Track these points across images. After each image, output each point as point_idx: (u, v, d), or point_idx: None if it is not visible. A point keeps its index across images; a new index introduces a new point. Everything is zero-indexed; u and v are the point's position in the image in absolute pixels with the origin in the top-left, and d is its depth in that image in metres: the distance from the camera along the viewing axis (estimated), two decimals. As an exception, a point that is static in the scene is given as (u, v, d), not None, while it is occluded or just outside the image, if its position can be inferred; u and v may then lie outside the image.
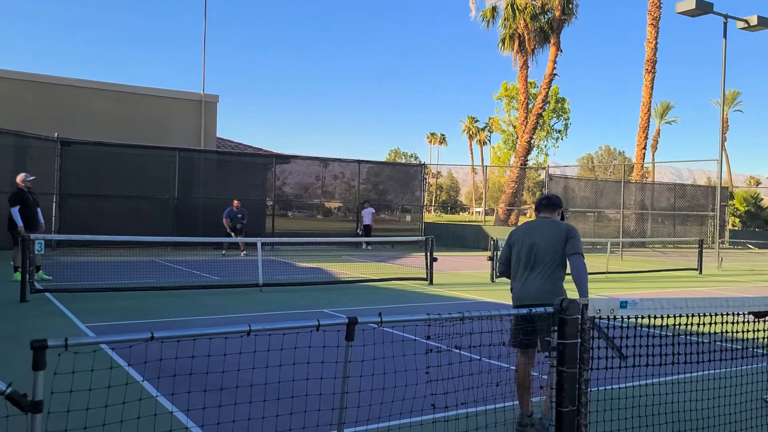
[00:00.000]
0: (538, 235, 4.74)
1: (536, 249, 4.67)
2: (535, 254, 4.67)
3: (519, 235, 4.86)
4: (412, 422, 4.39)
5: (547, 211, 4.93)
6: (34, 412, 2.35)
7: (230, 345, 4.26)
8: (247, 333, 2.88)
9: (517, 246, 4.80)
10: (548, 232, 4.72)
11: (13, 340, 7.10)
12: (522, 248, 4.75)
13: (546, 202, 4.94)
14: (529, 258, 4.69)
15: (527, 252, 4.71)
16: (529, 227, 4.86)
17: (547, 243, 4.67)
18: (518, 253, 4.77)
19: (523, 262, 4.72)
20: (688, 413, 4.21)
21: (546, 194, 5.16)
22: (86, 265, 13.37)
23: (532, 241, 4.72)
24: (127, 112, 23.74)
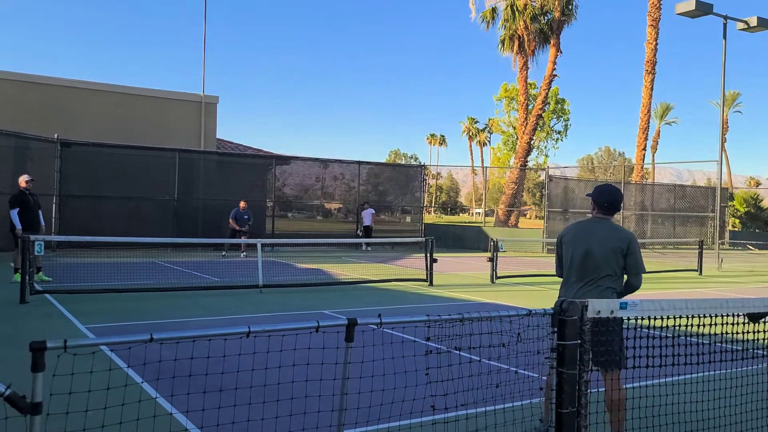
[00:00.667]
0: (595, 240, 4.25)
1: (592, 257, 4.22)
2: (590, 264, 4.23)
3: (571, 237, 4.37)
4: (412, 423, 4.38)
5: (608, 212, 4.39)
6: (33, 414, 2.35)
7: (230, 346, 4.26)
8: (247, 334, 2.88)
9: (570, 249, 4.34)
10: (608, 240, 4.24)
11: (12, 342, 7.09)
12: (575, 253, 4.29)
13: (610, 202, 4.35)
14: (584, 266, 4.24)
15: (581, 259, 4.25)
16: (585, 229, 4.36)
17: (605, 252, 4.21)
18: (571, 258, 4.32)
19: (576, 270, 4.27)
20: (689, 414, 4.20)
21: (609, 187, 4.48)
22: (86, 267, 13.36)
23: (588, 247, 4.24)
24: (127, 113, 23.74)
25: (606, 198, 4.35)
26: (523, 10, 35.94)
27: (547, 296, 12.33)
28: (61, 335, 6.91)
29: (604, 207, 4.34)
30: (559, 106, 64.40)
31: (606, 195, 4.36)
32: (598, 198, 4.38)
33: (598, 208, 4.37)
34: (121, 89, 24.39)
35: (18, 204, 11.48)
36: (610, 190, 4.42)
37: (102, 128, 22.50)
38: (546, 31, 36.47)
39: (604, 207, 4.34)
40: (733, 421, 4.25)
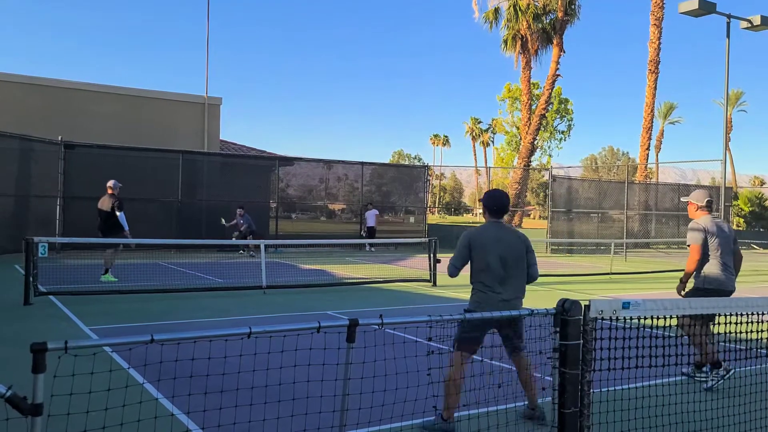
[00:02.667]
0: (506, 245, 4.60)
1: (508, 261, 4.57)
2: (509, 267, 4.59)
3: (481, 243, 4.63)
4: (414, 424, 4.37)
5: (499, 215, 4.75)
6: (34, 415, 2.35)
7: (231, 347, 4.26)
8: (248, 335, 2.88)
9: (482, 255, 4.59)
10: (515, 243, 4.64)
11: (15, 343, 7.11)
12: (491, 260, 4.56)
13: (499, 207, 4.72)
14: (504, 270, 4.58)
15: (499, 265, 4.56)
16: (493, 235, 4.65)
17: (518, 254, 4.62)
18: (487, 264, 4.57)
19: (496, 275, 4.57)
20: (692, 414, 4.18)
21: (497, 192, 4.90)
22: (90, 268, 13.38)
23: (501, 253, 4.57)
24: (131, 115, 23.77)
25: (495, 203, 4.70)
26: (526, 10, 35.89)
27: (550, 296, 12.31)
28: (65, 336, 6.92)
29: (494, 211, 4.69)
30: (562, 106, 64.31)
31: (495, 200, 4.73)
32: (488, 203, 4.72)
33: (490, 213, 4.71)
34: (125, 91, 24.43)
35: (122, 208, 12.41)
36: (498, 195, 4.80)
37: (105, 130, 22.54)
38: (549, 31, 36.42)
39: (494, 211, 4.69)
40: (737, 420, 4.23)
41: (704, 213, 6.32)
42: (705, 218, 6.28)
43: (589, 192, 29.03)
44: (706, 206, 6.34)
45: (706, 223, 6.21)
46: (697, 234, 6.12)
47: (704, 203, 6.35)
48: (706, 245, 6.11)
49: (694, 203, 6.40)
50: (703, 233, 6.12)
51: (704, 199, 6.36)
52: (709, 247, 6.11)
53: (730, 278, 6.16)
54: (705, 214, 6.32)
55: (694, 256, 6.08)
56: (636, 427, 3.94)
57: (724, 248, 6.16)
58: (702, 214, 6.33)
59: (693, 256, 6.09)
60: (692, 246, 6.10)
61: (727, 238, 6.23)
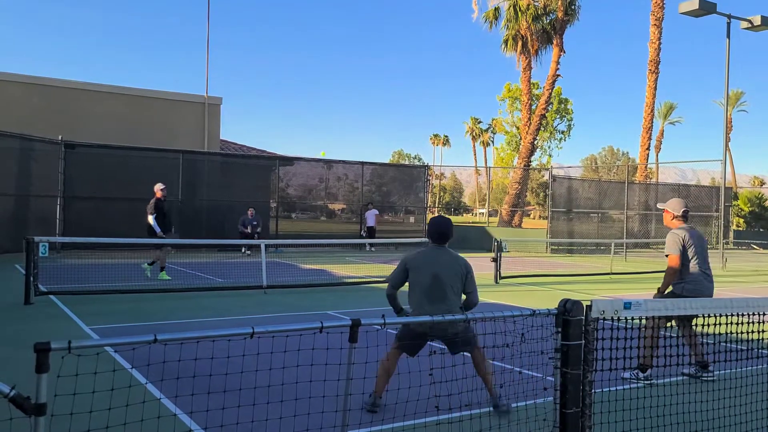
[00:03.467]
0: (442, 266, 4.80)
1: (439, 280, 4.74)
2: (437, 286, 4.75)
3: (418, 264, 4.85)
4: (416, 424, 4.38)
5: (441, 241, 4.93)
6: (38, 415, 2.35)
7: (234, 347, 4.26)
8: (251, 335, 2.88)
9: (417, 274, 4.81)
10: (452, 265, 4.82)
11: (16, 343, 7.11)
12: (423, 278, 4.77)
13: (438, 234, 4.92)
14: (433, 288, 4.75)
15: (430, 282, 4.75)
16: (430, 257, 4.85)
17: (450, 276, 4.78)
18: (419, 282, 4.80)
19: (425, 292, 4.77)
20: (693, 414, 4.19)
21: (438, 220, 5.06)
22: (90, 268, 13.39)
23: (434, 271, 4.75)
24: (131, 115, 23.77)
25: (434, 230, 4.93)
26: (526, 10, 35.89)
27: (551, 296, 12.32)
28: (66, 336, 6.93)
29: (435, 238, 4.90)
30: (562, 106, 64.30)
31: (433, 227, 4.96)
32: (430, 230, 4.99)
33: (432, 239, 4.93)
34: (125, 91, 24.43)
35: (155, 210, 12.89)
36: (437, 222, 4.99)
37: (106, 130, 22.54)
38: (549, 31, 36.42)
39: (435, 238, 4.90)
40: (738, 420, 4.24)
41: (680, 222, 6.39)
42: (682, 228, 6.33)
43: (589, 192, 29.03)
44: (682, 216, 6.41)
45: (683, 232, 6.26)
46: (677, 243, 6.18)
47: (680, 213, 6.41)
48: (685, 254, 6.18)
49: (671, 212, 6.45)
50: (681, 242, 6.18)
51: (681, 209, 6.43)
52: (687, 256, 6.18)
53: (708, 285, 6.27)
54: (681, 224, 6.38)
55: (674, 266, 6.15)
56: (637, 428, 3.95)
57: (701, 256, 6.27)
58: (678, 224, 6.38)
59: (673, 265, 6.16)
60: (671, 256, 6.16)
61: (703, 246, 6.35)
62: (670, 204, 6.53)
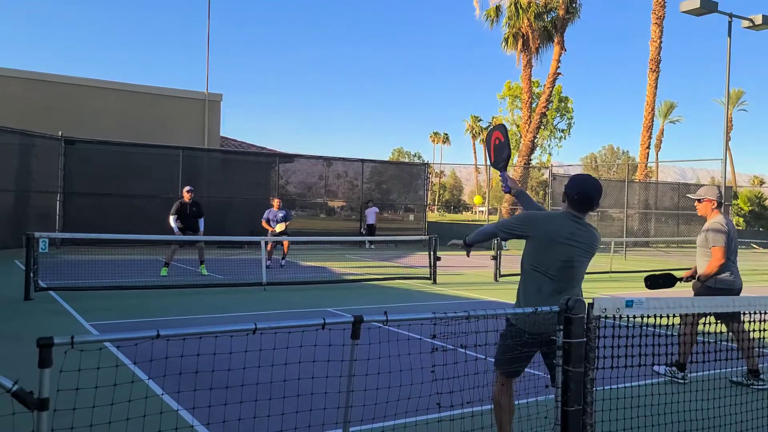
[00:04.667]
0: (579, 248, 3.61)
1: (574, 267, 3.66)
2: (571, 274, 3.66)
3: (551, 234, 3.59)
4: (418, 421, 4.38)
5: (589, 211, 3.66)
6: (40, 410, 2.35)
7: (236, 343, 4.26)
8: (253, 331, 2.88)
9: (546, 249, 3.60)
10: (590, 248, 3.65)
11: (17, 339, 7.11)
12: (554, 258, 3.60)
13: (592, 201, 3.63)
14: (561, 275, 3.63)
15: (561, 267, 3.62)
16: (571, 229, 3.62)
17: (583, 263, 3.68)
18: (545, 261, 3.60)
19: (551, 276, 3.62)
20: (694, 413, 4.19)
21: (592, 181, 3.76)
22: (90, 264, 13.39)
23: (570, 255, 3.60)
24: (131, 111, 23.76)
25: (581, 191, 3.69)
26: (527, 7, 35.87)
27: (551, 294, 12.32)
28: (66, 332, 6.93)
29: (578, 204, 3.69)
30: (562, 104, 64.29)
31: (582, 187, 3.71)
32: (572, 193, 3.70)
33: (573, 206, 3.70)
34: (126, 87, 24.42)
35: (175, 212, 13.37)
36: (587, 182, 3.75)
37: (106, 126, 22.53)
38: (550, 29, 36.41)
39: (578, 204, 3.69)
40: (739, 419, 4.24)
41: (719, 212, 6.08)
42: (721, 218, 6.03)
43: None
44: (720, 205, 6.12)
45: (725, 223, 5.97)
46: (722, 236, 5.87)
47: (720, 200, 6.12)
48: (729, 247, 5.91)
49: (713, 200, 6.09)
50: (726, 235, 5.88)
51: (719, 197, 6.11)
52: (730, 248, 5.93)
53: (738, 277, 6.07)
54: (719, 213, 6.07)
55: (720, 259, 5.83)
56: (639, 426, 3.95)
57: (734, 248, 6.03)
58: (717, 213, 6.07)
59: (718, 258, 5.84)
60: (718, 248, 5.85)
61: (735, 238, 6.06)
62: (708, 192, 6.13)
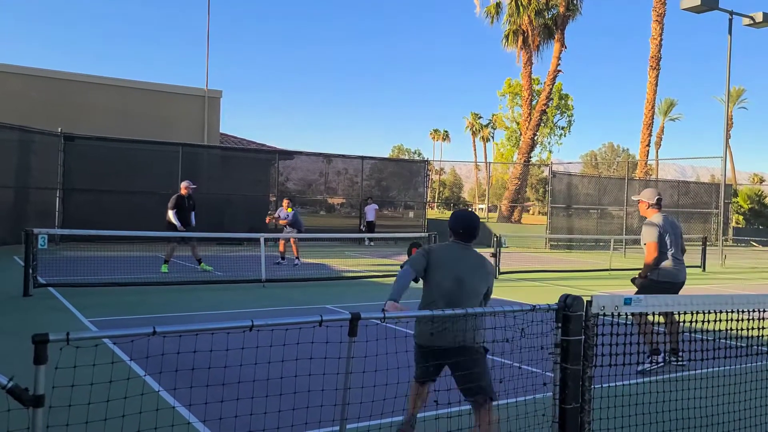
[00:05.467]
0: (466, 267, 4.06)
1: (464, 287, 4.01)
2: (462, 293, 4.00)
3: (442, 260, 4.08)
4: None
5: (472, 239, 4.18)
6: (36, 407, 2.34)
7: (233, 340, 4.25)
8: (250, 328, 2.87)
9: (438, 273, 4.05)
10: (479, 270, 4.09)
11: (15, 335, 7.10)
12: (444, 280, 4.03)
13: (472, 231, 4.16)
14: (454, 295, 4.00)
15: (451, 287, 4.01)
16: (455, 256, 4.10)
17: (475, 283, 4.06)
18: (438, 284, 4.04)
19: (444, 298, 4.02)
20: (692, 411, 4.19)
21: (469, 215, 4.30)
22: (89, 260, 13.38)
23: (459, 275, 4.02)
24: (131, 108, 23.74)
25: (461, 225, 4.16)
26: (528, 5, 35.81)
27: (551, 292, 12.32)
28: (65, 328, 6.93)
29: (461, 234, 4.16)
30: (562, 102, 64.26)
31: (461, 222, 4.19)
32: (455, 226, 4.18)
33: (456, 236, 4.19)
34: (125, 83, 24.39)
35: (174, 206, 13.28)
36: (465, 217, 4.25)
37: (105, 122, 22.51)
38: (550, 26, 36.36)
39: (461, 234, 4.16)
40: (737, 417, 4.23)
41: (655, 211, 6.67)
42: (657, 216, 6.62)
43: (589, 188, 29.01)
44: (656, 204, 6.69)
45: (659, 220, 6.55)
46: (653, 232, 6.45)
47: (655, 201, 6.69)
48: (662, 241, 6.44)
49: (645, 201, 6.75)
50: (658, 230, 6.45)
51: (655, 198, 6.71)
52: (665, 243, 6.45)
53: (682, 271, 6.56)
54: (656, 212, 6.66)
55: (652, 253, 6.41)
56: (637, 423, 3.95)
57: (675, 243, 6.52)
58: (654, 212, 6.67)
59: (650, 252, 6.43)
60: (650, 243, 6.44)
61: (677, 234, 6.61)
62: (644, 194, 6.81)
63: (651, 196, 6.75)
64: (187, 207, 13.55)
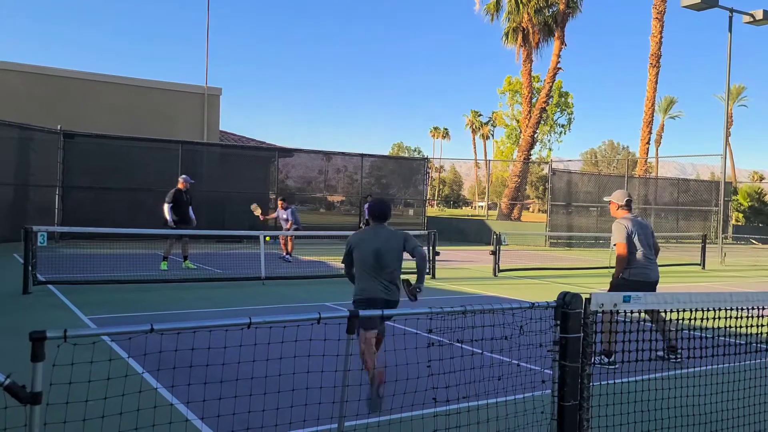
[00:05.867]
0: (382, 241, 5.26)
1: (383, 255, 5.19)
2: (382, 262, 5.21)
3: (359, 241, 5.33)
4: (413, 416, 4.38)
5: (384, 219, 5.42)
6: (33, 404, 2.33)
7: (231, 337, 4.25)
8: (248, 325, 2.86)
9: (359, 251, 5.26)
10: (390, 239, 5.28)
11: (13, 332, 7.10)
12: (365, 253, 5.22)
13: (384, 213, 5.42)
14: (377, 262, 5.19)
15: (372, 256, 5.19)
16: (370, 234, 5.33)
17: (392, 247, 5.25)
18: (361, 258, 5.24)
19: (367, 266, 5.22)
20: (691, 408, 4.19)
21: (381, 201, 5.55)
22: (89, 258, 13.38)
23: (377, 247, 5.19)
24: (131, 105, 23.72)
25: (375, 209, 5.42)
26: (528, 2, 35.77)
27: (550, 290, 12.32)
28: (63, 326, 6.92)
29: (375, 217, 5.41)
30: (562, 100, 64.23)
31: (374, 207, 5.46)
32: (370, 211, 5.49)
33: (373, 218, 5.45)
34: (125, 81, 24.36)
35: (171, 200, 13.16)
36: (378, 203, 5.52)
37: (105, 120, 22.49)
38: (550, 24, 36.31)
39: (375, 217, 5.41)
40: (736, 414, 4.23)
41: (625, 212, 6.83)
42: (626, 217, 6.76)
43: (589, 186, 29.01)
44: (626, 205, 6.84)
45: (627, 221, 6.67)
46: (620, 233, 6.59)
47: (624, 203, 6.85)
48: (631, 241, 6.56)
49: (615, 203, 6.90)
50: (626, 231, 6.57)
51: (624, 199, 6.87)
52: (633, 243, 6.57)
53: (653, 270, 6.69)
54: (626, 213, 6.82)
55: (621, 253, 6.55)
56: (635, 420, 3.95)
57: (645, 243, 6.64)
58: (623, 213, 6.82)
59: (619, 252, 6.57)
60: (618, 244, 6.58)
61: (647, 234, 6.72)
62: (614, 196, 6.96)
63: (621, 197, 6.91)
64: (185, 202, 13.48)
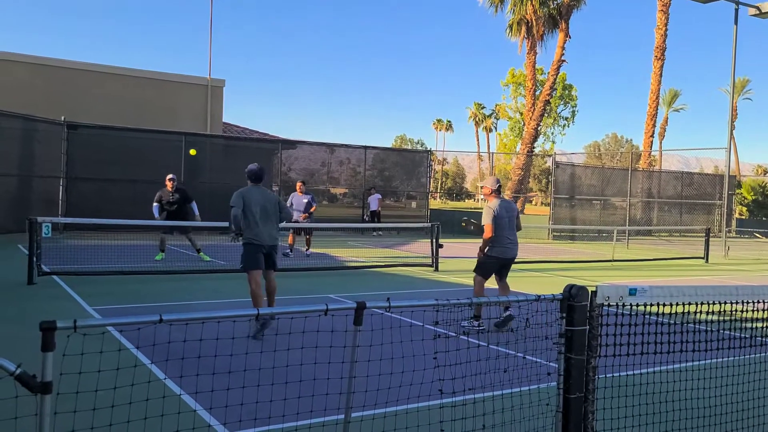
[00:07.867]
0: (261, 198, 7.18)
1: (267, 210, 7.12)
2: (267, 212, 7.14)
3: (250, 196, 7.11)
4: (420, 407, 4.39)
5: (261, 181, 7.34)
6: (44, 393, 2.35)
7: (238, 328, 4.26)
8: (256, 317, 2.88)
9: (250, 204, 7.03)
10: (270, 198, 7.26)
11: (20, 323, 7.13)
12: (255, 208, 7.01)
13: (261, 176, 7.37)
14: (265, 214, 7.09)
15: (260, 211, 7.03)
16: (257, 193, 7.17)
17: (271, 204, 7.19)
18: (252, 211, 7.03)
19: (257, 218, 7.04)
20: (696, 401, 4.20)
21: (257, 167, 7.36)
22: (93, 249, 13.41)
23: (260, 201, 7.07)
24: (134, 97, 23.70)
25: (254, 173, 7.34)
26: (532, -6, 35.61)
27: (553, 282, 12.33)
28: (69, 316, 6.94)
29: (254, 179, 7.32)
30: (566, 92, 64.02)
31: (253, 172, 7.38)
32: (250, 174, 7.39)
33: (252, 180, 7.33)
34: (128, 72, 24.33)
35: (157, 200, 13.46)
36: (255, 168, 7.42)
37: (108, 111, 22.48)
38: (555, 16, 36.17)
39: (254, 179, 7.32)
40: (740, 408, 4.25)
41: (495, 197, 7.75)
42: (495, 201, 7.68)
43: (592, 179, 28.95)
44: (496, 191, 7.78)
45: (495, 205, 7.62)
46: (488, 215, 7.54)
47: (495, 188, 7.79)
48: (497, 223, 7.52)
49: (488, 188, 7.82)
50: (493, 213, 7.53)
51: (496, 185, 7.82)
52: (499, 225, 7.52)
53: (512, 248, 7.71)
54: (495, 198, 7.74)
55: (487, 233, 7.50)
56: (640, 413, 3.96)
57: (508, 225, 7.65)
58: (493, 198, 7.75)
59: (486, 232, 7.53)
60: (486, 225, 7.53)
61: (511, 217, 7.72)
62: (487, 181, 7.91)
63: (493, 183, 7.82)
64: (173, 201, 13.49)
